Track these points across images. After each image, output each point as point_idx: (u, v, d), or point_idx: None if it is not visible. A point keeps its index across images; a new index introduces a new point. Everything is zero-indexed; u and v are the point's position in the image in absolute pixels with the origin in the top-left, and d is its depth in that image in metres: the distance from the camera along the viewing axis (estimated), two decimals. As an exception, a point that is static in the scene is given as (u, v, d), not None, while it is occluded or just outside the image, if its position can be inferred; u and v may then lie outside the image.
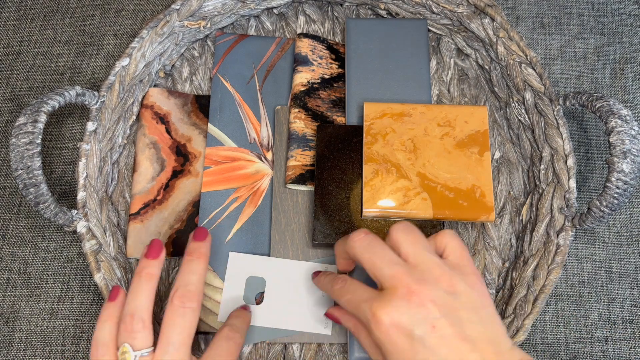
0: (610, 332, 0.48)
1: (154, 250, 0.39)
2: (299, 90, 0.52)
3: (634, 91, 0.55)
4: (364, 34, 0.53)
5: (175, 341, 0.36)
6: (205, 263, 0.40)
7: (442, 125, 0.48)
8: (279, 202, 0.50)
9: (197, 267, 0.39)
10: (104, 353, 0.36)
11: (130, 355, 0.35)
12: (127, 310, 0.37)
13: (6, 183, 0.53)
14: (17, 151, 0.40)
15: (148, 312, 0.37)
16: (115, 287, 0.39)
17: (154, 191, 0.50)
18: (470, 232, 0.50)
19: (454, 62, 0.56)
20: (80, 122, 0.55)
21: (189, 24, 0.53)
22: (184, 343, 0.36)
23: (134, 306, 0.37)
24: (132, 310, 0.36)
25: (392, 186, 0.46)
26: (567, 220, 0.46)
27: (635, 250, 0.51)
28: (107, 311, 0.38)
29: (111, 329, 0.37)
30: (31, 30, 0.58)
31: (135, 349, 0.35)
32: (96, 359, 0.36)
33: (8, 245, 0.51)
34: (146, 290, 0.37)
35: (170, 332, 0.36)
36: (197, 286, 0.38)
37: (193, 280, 0.38)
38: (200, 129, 0.53)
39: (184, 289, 0.37)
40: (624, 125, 0.41)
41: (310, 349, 0.47)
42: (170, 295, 0.38)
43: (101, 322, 0.37)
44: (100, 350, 0.36)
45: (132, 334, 0.36)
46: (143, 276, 0.38)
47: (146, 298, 0.37)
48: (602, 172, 0.53)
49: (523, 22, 0.58)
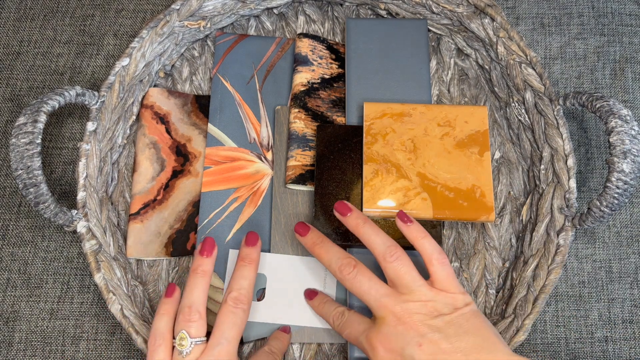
0: (610, 332, 0.48)
1: (207, 248, 0.42)
2: (299, 90, 0.52)
3: (634, 91, 0.55)
4: (364, 34, 0.53)
5: (227, 335, 0.39)
6: (255, 268, 0.43)
7: (442, 125, 0.48)
8: (279, 202, 0.50)
9: (248, 272, 0.43)
10: (161, 342, 0.39)
11: (187, 341, 0.39)
12: (185, 302, 0.40)
13: (6, 183, 0.53)
14: (17, 151, 0.40)
15: (203, 305, 0.40)
16: (171, 284, 0.43)
17: (154, 191, 0.50)
18: (470, 232, 0.50)
19: (454, 62, 0.56)
20: (80, 122, 0.55)
21: (189, 24, 0.53)
22: (235, 338, 0.40)
23: (191, 299, 0.40)
24: (190, 302, 0.40)
25: (392, 186, 0.46)
26: (567, 220, 0.46)
27: (635, 250, 0.51)
28: (164, 306, 0.41)
29: (168, 321, 0.40)
30: (31, 30, 0.58)
31: (191, 337, 0.39)
32: (154, 347, 0.39)
33: (8, 245, 0.51)
34: (201, 285, 0.41)
35: (224, 327, 0.40)
36: (247, 290, 0.42)
37: (244, 285, 0.42)
38: (200, 129, 0.53)
39: (237, 292, 0.41)
40: (624, 125, 0.41)
41: (310, 349, 0.47)
42: (224, 296, 0.41)
43: (159, 315, 0.41)
44: (158, 339, 0.39)
45: (189, 323, 0.39)
46: (199, 273, 0.41)
47: (202, 293, 0.41)
48: (602, 172, 0.53)
49: (523, 22, 0.58)
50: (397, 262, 0.40)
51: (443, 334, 0.37)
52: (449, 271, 0.40)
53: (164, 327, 0.40)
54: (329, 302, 0.44)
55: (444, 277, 0.40)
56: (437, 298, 0.39)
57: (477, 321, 0.39)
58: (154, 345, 0.39)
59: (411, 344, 0.37)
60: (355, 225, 0.43)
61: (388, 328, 0.38)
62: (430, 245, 0.41)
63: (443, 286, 0.40)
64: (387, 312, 0.39)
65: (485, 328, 0.38)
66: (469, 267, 0.49)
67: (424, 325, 0.38)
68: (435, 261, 0.40)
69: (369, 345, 0.39)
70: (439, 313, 0.39)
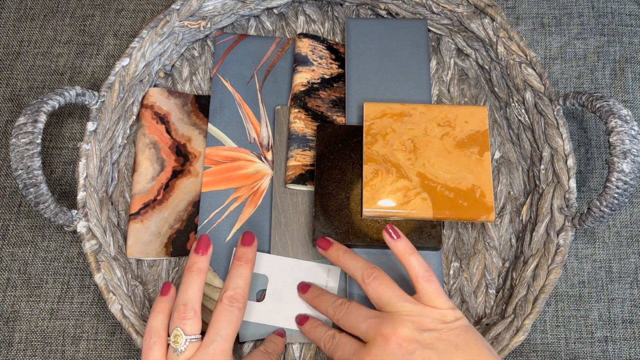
0: (610, 332, 0.48)
1: (202, 246, 0.43)
2: (299, 90, 0.52)
3: (634, 91, 0.55)
4: (364, 34, 0.53)
5: (223, 333, 0.39)
6: (251, 268, 0.43)
7: (442, 125, 0.48)
8: (279, 202, 0.50)
9: (244, 271, 0.43)
10: (156, 340, 0.39)
11: (182, 338, 0.39)
12: (180, 300, 0.40)
13: (6, 183, 0.53)
14: (17, 151, 0.40)
15: (198, 303, 0.41)
16: (167, 283, 0.43)
17: (154, 191, 0.50)
18: (470, 232, 0.50)
19: (454, 62, 0.56)
20: (80, 122, 0.55)
21: (189, 24, 0.53)
22: (230, 336, 0.40)
23: (186, 297, 0.40)
24: (185, 300, 0.40)
25: (392, 186, 0.46)
26: (567, 220, 0.46)
27: (635, 250, 0.51)
28: (159, 304, 0.41)
29: (163, 319, 0.40)
30: (31, 30, 0.58)
31: (186, 334, 0.39)
32: (149, 345, 0.39)
33: (8, 245, 0.51)
34: (196, 283, 0.41)
35: (219, 325, 0.40)
36: (243, 289, 0.42)
37: (240, 284, 0.42)
38: (200, 129, 0.53)
39: (232, 291, 0.41)
40: (624, 125, 0.41)
41: (310, 349, 0.47)
42: (220, 295, 0.41)
43: (154, 313, 0.41)
44: (153, 337, 0.39)
45: (184, 320, 0.39)
46: (194, 271, 0.41)
47: (197, 290, 0.41)
48: (602, 172, 0.53)
49: (523, 22, 0.58)
50: (376, 282, 0.40)
51: (433, 350, 0.37)
52: (437, 287, 0.40)
53: (159, 324, 0.40)
54: (320, 326, 0.44)
55: (430, 293, 0.40)
56: (424, 313, 0.39)
57: (468, 337, 0.38)
58: (149, 343, 0.39)
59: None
60: (336, 256, 0.44)
61: (377, 349, 0.38)
62: (417, 262, 0.41)
63: (430, 302, 0.40)
64: (375, 333, 0.39)
65: (477, 344, 0.38)
66: (469, 267, 0.49)
67: (412, 342, 0.38)
68: (421, 279, 0.40)
69: None
70: (426, 328, 0.38)
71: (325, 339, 0.43)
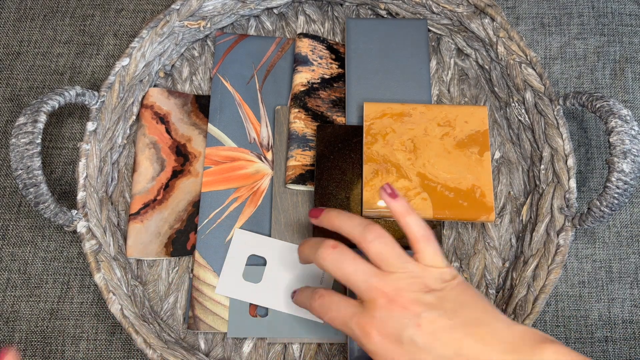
0: (610, 332, 0.48)
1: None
2: (299, 90, 0.52)
3: (634, 91, 0.55)
4: (364, 34, 0.53)
5: None
6: None
7: (442, 125, 0.48)
8: (279, 202, 0.50)
9: None
10: None
11: None
12: None
13: (6, 183, 0.53)
14: (17, 151, 0.40)
15: None
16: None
17: (154, 191, 0.50)
18: (470, 232, 0.50)
19: (454, 62, 0.56)
20: (80, 122, 0.55)
21: (189, 24, 0.53)
22: None
23: None
24: None
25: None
26: (567, 220, 0.46)
27: (635, 250, 0.51)
28: None
29: None
30: (31, 30, 0.58)
31: None
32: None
33: (8, 245, 0.51)
34: None
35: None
36: None
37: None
38: (200, 129, 0.53)
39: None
40: (624, 125, 0.41)
41: (310, 349, 0.47)
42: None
43: None
44: None
45: None
46: None
47: None
48: (602, 172, 0.53)
49: (523, 22, 0.58)
50: (378, 240, 0.38)
51: (441, 310, 0.35)
52: (436, 247, 0.38)
53: None
54: (305, 288, 0.42)
55: (430, 253, 0.38)
56: (425, 274, 0.37)
57: (470, 293, 0.37)
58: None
59: (409, 326, 0.35)
60: (330, 220, 0.40)
61: (381, 311, 0.35)
62: (415, 222, 0.39)
63: (430, 262, 0.38)
64: (377, 294, 0.36)
65: (480, 299, 0.37)
66: (469, 267, 0.49)
67: (418, 303, 0.35)
68: (421, 238, 0.38)
69: (361, 332, 0.36)
70: (429, 289, 0.36)
71: (312, 297, 0.39)
